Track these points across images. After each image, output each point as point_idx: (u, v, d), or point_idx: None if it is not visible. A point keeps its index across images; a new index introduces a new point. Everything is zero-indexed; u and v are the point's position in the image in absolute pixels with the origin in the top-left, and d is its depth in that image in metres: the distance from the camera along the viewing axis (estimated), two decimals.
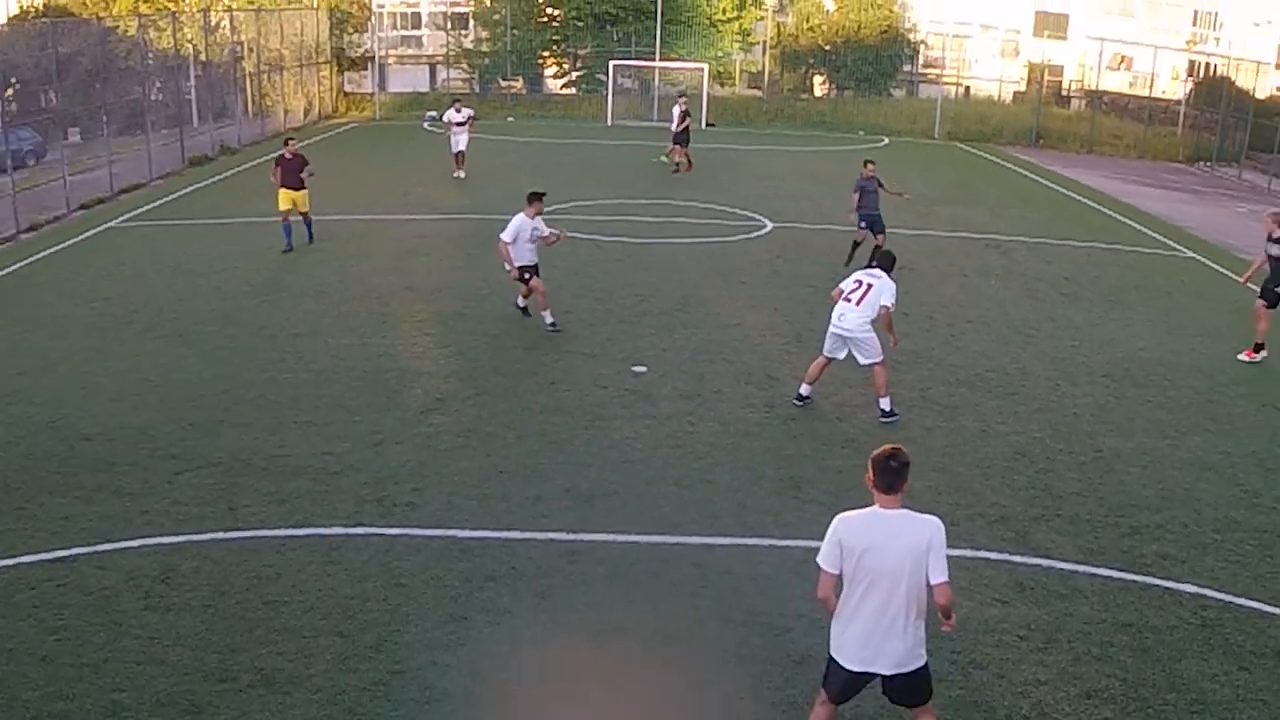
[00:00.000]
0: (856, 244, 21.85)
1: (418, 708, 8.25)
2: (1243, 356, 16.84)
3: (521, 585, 10.05)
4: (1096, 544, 11.21)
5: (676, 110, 34.06)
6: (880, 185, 21.89)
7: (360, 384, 14.85)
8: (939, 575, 6.51)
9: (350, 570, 10.20)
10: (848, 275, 14.47)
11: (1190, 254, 25.85)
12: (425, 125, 42.82)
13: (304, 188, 22.12)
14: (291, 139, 24.20)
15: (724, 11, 55.24)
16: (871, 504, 6.78)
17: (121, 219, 25.60)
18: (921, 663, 6.75)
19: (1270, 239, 16.92)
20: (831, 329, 13.83)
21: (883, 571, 6.52)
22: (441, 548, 10.68)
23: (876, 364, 13.79)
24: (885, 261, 14.40)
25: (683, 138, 33.50)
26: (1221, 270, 24.30)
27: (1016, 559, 10.83)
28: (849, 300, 13.66)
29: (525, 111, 49.13)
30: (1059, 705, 8.58)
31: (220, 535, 10.75)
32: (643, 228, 24.84)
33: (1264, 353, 16.87)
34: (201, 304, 18.46)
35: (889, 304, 13.59)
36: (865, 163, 22.44)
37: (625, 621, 9.55)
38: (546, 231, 16.98)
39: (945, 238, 24.98)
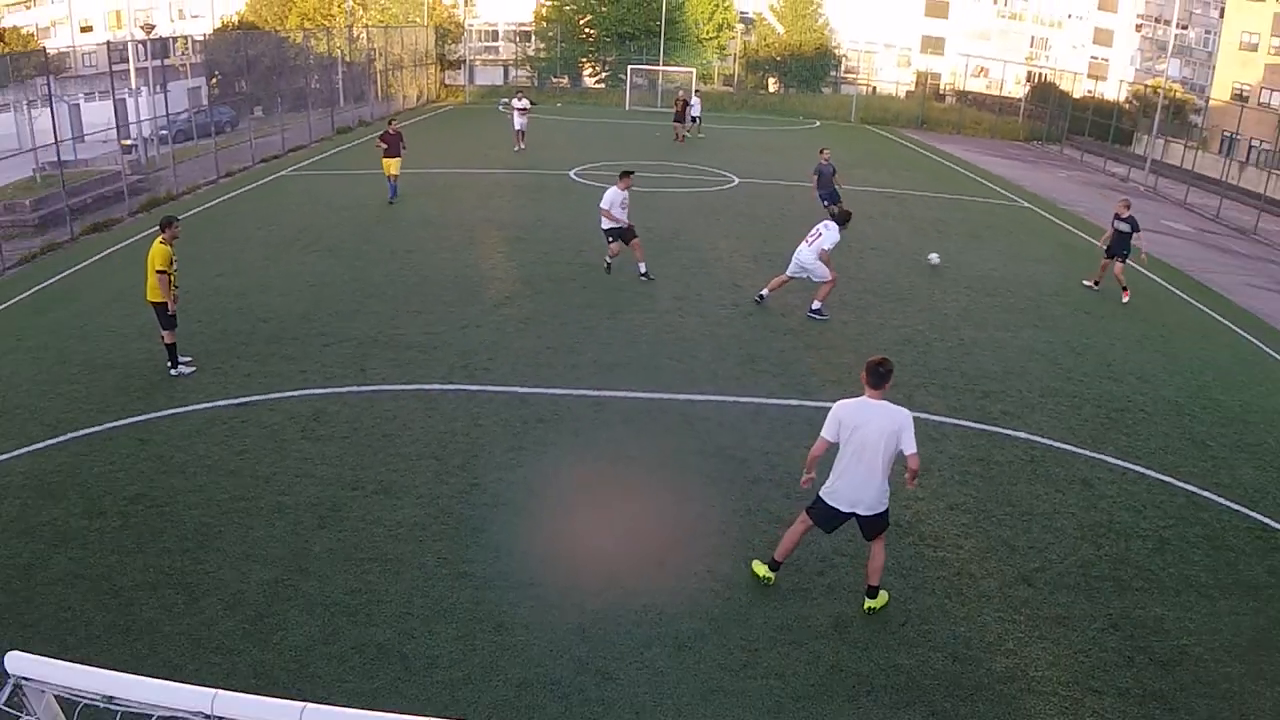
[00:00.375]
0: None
1: (489, 510, 8.14)
2: (1124, 299, 15.37)
3: (562, 426, 9.83)
4: (959, 403, 10.92)
5: (683, 101, 33.12)
6: (834, 171, 19.14)
7: (452, 286, 14.35)
8: (910, 447, 6.50)
9: (444, 414, 9.95)
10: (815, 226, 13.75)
11: (1026, 205, 25.04)
12: (500, 108, 41.62)
13: (400, 156, 20.08)
14: (393, 120, 22.52)
15: (707, 32, 53.94)
16: (861, 395, 6.68)
17: (289, 170, 24.80)
18: (884, 507, 6.75)
19: (1118, 218, 15.65)
20: (792, 260, 13.48)
21: (866, 443, 6.50)
22: (507, 399, 10.37)
23: (826, 282, 13.34)
24: (842, 219, 13.64)
25: (681, 118, 32.53)
26: (1048, 216, 23.58)
27: None
28: (806, 242, 13.32)
29: (569, 100, 47.78)
30: (931, 515, 8.46)
31: (354, 388, 10.48)
32: (648, 180, 23.92)
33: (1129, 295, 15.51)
34: (344, 229, 17.83)
35: (828, 247, 13.20)
36: (821, 150, 19.57)
37: (633, 452, 9.35)
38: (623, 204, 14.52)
39: (858, 191, 23.99)
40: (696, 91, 35.17)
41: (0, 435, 9.14)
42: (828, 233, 13.20)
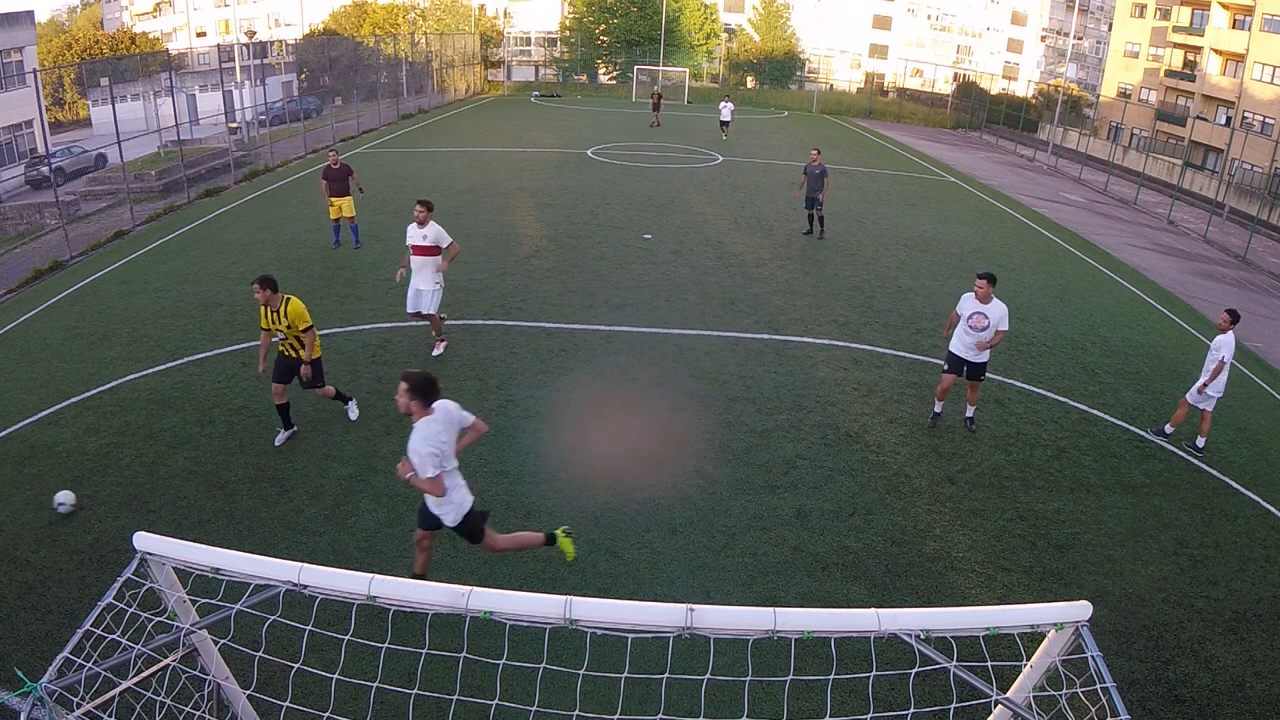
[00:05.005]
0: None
1: (521, 420, 7.86)
2: None
3: (580, 354, 9.47)
4: (898, 339, 10.52)
5: (658, 95, 31.77)
6: (823, 173, 14.54)
7: (492, 241, 13.83)
8: (1000, 326, 7.66)
9: (486, 343, 9.59)
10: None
11: (952, 179, 24.09)
12: (533, 99, 40.24)
13: (349, 195, 12.87)
14: (335, 150, 14.09)
15: (698, 39, 51.93)
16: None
17: (364, 148, 23.83)
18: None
19: None
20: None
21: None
22: (535, 332, 10.00)
23: None
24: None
25: (657, 108, 31.13)
26: (969, 189, 22.70)
27: (853, 345, 10.12)
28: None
29: (587, 93, 46.14)
30: (874, 427, 8.17)
31: (413, 323, 10.00)
32: (649, 158, 23.27)
33: None
34: (406, 194, 17.13)
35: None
36: (813, 150, 14.99)
37: (636, 375, 9.01)
38: None
39: None
40: (727, 97, 31.54)
41: (131, 359, 8.88)
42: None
